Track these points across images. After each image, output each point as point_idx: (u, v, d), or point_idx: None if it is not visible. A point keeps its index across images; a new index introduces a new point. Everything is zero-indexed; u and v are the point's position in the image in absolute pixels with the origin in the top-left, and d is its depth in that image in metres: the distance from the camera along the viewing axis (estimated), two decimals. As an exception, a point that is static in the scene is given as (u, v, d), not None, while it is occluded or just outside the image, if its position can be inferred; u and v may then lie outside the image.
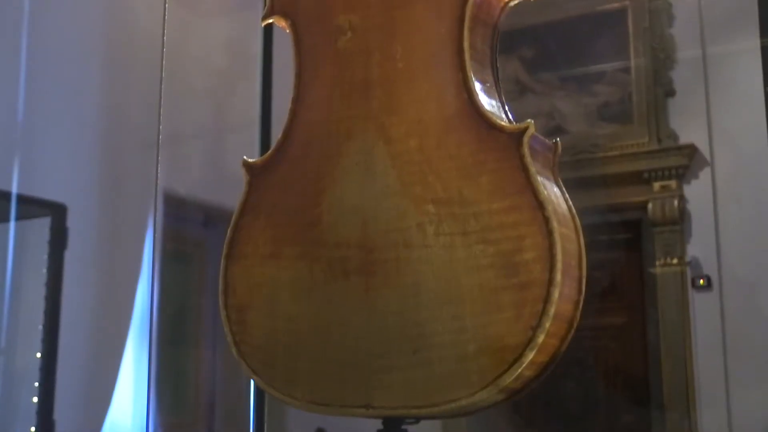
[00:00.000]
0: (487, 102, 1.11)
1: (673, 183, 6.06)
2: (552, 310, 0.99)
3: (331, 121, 1.18)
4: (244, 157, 1.25)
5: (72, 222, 4.52)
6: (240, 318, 1.18)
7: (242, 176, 1.36)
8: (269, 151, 1.23)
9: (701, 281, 5.83)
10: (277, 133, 3.13)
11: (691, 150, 5.95)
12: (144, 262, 4.80)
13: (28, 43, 4.26)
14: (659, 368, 5.92)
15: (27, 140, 4.24)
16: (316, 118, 1.20)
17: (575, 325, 1.07)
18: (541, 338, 1.00)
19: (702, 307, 5.84)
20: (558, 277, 0.99)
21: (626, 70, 6.24)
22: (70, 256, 4.50)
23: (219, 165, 5.39)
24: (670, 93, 6.13)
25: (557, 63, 6.23)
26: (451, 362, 1.02)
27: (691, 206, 6.08)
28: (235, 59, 5.04)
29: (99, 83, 4.67)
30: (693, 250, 6.02)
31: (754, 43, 5.52)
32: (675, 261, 6.01)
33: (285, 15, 1.27)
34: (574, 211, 1.11)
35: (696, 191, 6.04)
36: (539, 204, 1.02)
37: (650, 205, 6.05)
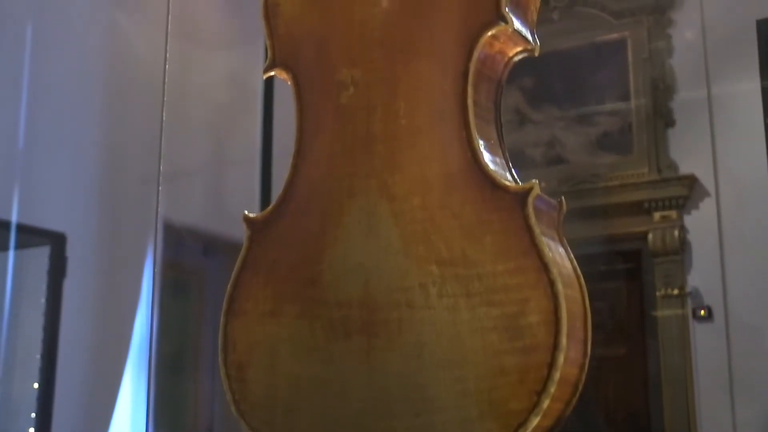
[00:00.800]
0: (491, 160, 1.10)
1: (673, 213, 6.05)
2: (557, 375, 0.98)
3: (333, 177, 1.17)
4: (245, 212, 1.24)
5: (71, 251, 4.51)
6: (240, 375, 1.16)
7: (242, 209, 1.34)
8: (270, 206, 1.22)
9: (702, 312, 5.81)
10: (278, 169, 3.13)
11: (691, 180, 5.95)
12: (143, 291, 4.78)
13: (29, 73, 4.27)
14: (660, 400, 5.89)
15: (27, 169, 4.24)
16: (317, 174, 1.19)
17: (580, 387, 1.06)
18: (546, 403, 0.98)
19: (703, 338, 5.82)
20: (563, 341, 0.98)
21: (626, 100, 6.25)
22: (69, 286, 4.49)
23: (219, 194, 5.38)
24: (670, 123, 6.13)
25: (557, 93, 6.25)
26: (454, 426, 1.01)
27: (692, 237, 6.07)
28: (237, 93, 5.05)
29: (100, 114, 4.68)
30: (694, 280, 6.00)
31: (754, 72, 5.55)
32: (675, 291, 5.99)
33: (287, 68, 1.27)
34: (578, 270, 1.10)
35: (696, 222, 6.03)
36: (544, 266, 1.01)
37: (650, 236, 6.04)
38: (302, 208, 1.19)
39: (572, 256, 1.09)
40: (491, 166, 1.09)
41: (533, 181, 1.05)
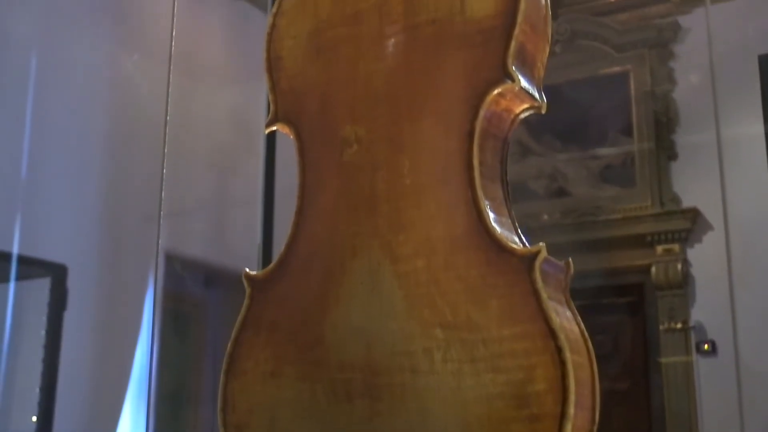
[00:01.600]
0: (497, 221, 1.08)
1: (676, 246, 6.04)
2: (564, 444, 0.96)
3: (336, 236, 1.16)
4: (246, 269, 1.22)
5: (72, 283, 4.50)
6: (239, 437, 1.14)
7: (244, 249, 1.32)
8: (272, 264, 1.20)
9: (706, 346, 5.78)
10: (280, 207, 3.12)
11: (694, 214, 5.94)
12: (144, 323, 4.76)
13: (33, 104, 4.28)
14: (664, 434, 5.85)
15: (30, 200, 4.23)
16: (320, 233, 1.18)
17: (588, 454, 1.04)
18: (553, 472, 0.96)
19: (707, 372, 5.78)
20: (570, 410, 0.96)
21: (628, 133, 6.25)
22: (69, 318, 4.47)
23: (221, 225, 5.38)
24: (673, 156, 6.13)
25: (560, 125, 6.24)
26: (459, 495, 0.99)
27: (695, 270, 6.05)
28: (239, 132, 5.06)
29: (102, 148, 4.68)
30: (697, 314, 5.97)
31: (757, 106, 5.55)
32: (679, 325, 5.96)
33: (289, 123, 1.25)
34: (586, 333, 1.08)
35: (700, 255, 6.01)
36: (551, 332, 0.99)
37: (653, 269, 6.02)
38: (304, 267, 1.17)
39: (579, 319, 1.07)
40: (497, 227, 1.07)
41: (540, 244, 1.03)
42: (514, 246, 1.04)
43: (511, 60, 1.11)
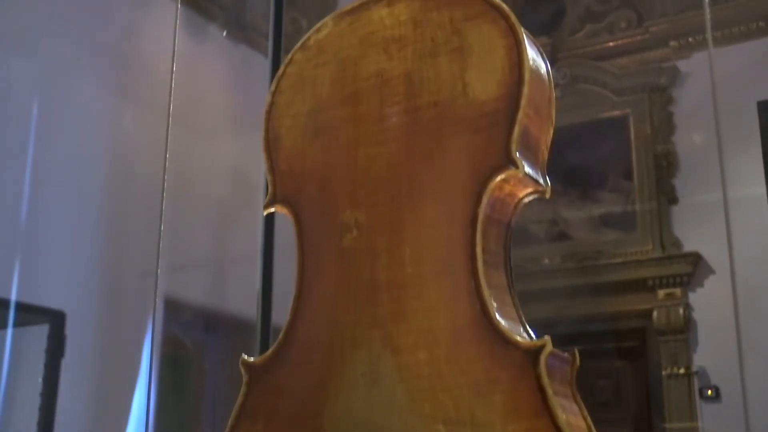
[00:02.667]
0: (501, 311, 1.06)
1: (677, 291, 6.01)
2: None
3: (336, 325, 1.13)
4: (243, 356, 1.19)
5: (70, 329, 4.47)
6: None
7: (243, 293, 1.30)
8: (269, 350, 1.17)
9: (709, 392, 5.72)
10: (279, 264, 3.10)
11: (696, 258, 5.91)
12: (142, 369, 4.72)
13: (34, 151, 4.27)
14: (668, 483, 5.78)
15: (28, 247, 4.22)
16: (319, 320, 1.15)
17: None
18: None
19: (710, 418, 5.72)
20: (577, 508, 0.93)
21: (629, 177, 6.24)
22: (67, 365, 4.43)
23: (221, 270, 5.36)
24: (673, 200, 6.12)
25: (560, 169, 6.24)
26: None
27: (697, 315, 6.01)
28: (238, 187, 5.06)
29: (102, 195, 4.68)
30: (700, 359, 5.92)
31: (757, 150, 5.55)
32: (682, 371, 5.91)
33: (288, 205, 1.23)
34: (592, 428, 1.05)
35: (702, 299, 5.98)
36: (557, 429, 0.96)
37: (655, 313, 5.98)
38: (302, 355, 1.14)
39: (585, 412, 1.04)
40: (501, 318, 1.04)
41: (545, 338, 1.00)
42: (519, 339, 1.01)
43: (515, 146, 1.09)
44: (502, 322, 1.03)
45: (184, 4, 5.16)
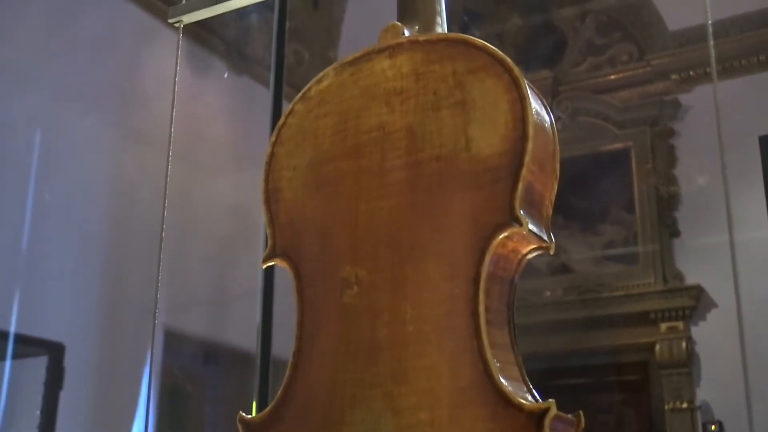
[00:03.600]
0: (504, 371, 1.04)
1: (680, 324, 5.98)
2: None
3: (335, 382, 1.10)
4: (240, 413, 1.17)
5: (69, 361, 4.44)
6: None
7: (243, 325, 1.27)
8: (268, 408, 1.15)
9: (713, 427, 5.68)
10: (279, 296, 3.09)
11: (698, 291, 5.89)
12: (141, 400, 4.69)
13: (35, 185, 4.27)
14: None
15: (28, 278, 4.21)
16: (318, 377, 1.13)
17: None
18: None
19: (714, 453, 5.68)
20: None
21: (631, 209, 6.24)
22: (65, 397, 4.41)
23: (220, 302, 5.34)
24: (675, 233, 6.11)
25: (561, 201, 6.21)
26: None
27: (700, 348, 5.98)
28: (239, 225, 5.06)
29: (103, 227, 4.67)
30: (703, 393, 5.88)
31: (759, 184, 5.53)
32: (684, 405, 5.87)
33: (287, 259, 1.21)
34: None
35: (704, 333, 5.95)
36: (561, 495, 0.94)
37: (657, 347, 5.95)
38: (302, 413, 1.12)
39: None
40: (504, 379, 1.02)
41: (550, 401, 0.98)
42: (522, 401, 0.99)
43: (519, 203, 1.07)
44: (505, 383, 1.01)
45: (187, 36, 5.17)
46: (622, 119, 6.34)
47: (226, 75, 5.29)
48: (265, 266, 1.21)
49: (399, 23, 1.26)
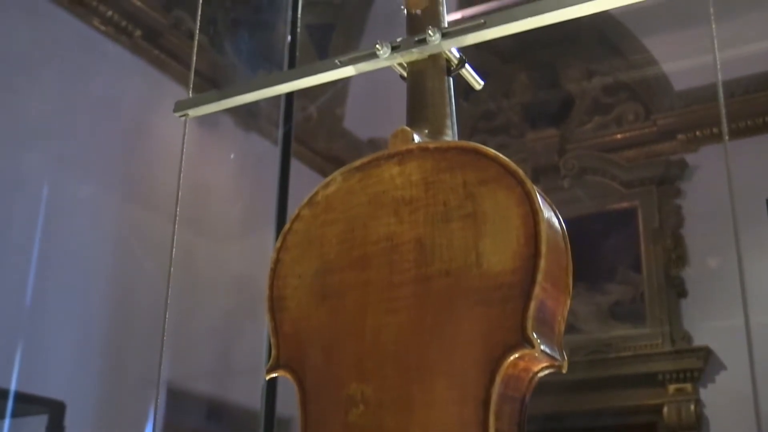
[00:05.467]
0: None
1: (688, 386, 5.90)
2: None
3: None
4: None
5: (70, 420, 4.38)
6: None
7: (248, 372, 1.22)
8: None
9: (722, 492, 5.58)
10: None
11: (706, 352, 5.82)
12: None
13: (40, 242, 4.26)
14: None
15: (30, 337, 4.17)
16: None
17: None
18: None
19: None
20: None
21: (637, 269, 6.19)
22: (64, 457, 4.34)
23: (225, 361, 5.28)
24: (683, 294, 6.06)
25: (568, 261, 6.19)
26: None
27: (709, 411, 5.89)
28: (243, 297, 5.03)
29: (106, 287, 4.65)
30: (713, 457, 5.80)
31: (766, 245, 5.49)
32: (693, 470, 5.78)
33: (291, 371, 1.17)
34: None
35: (713, 395, 5.87)
36: None
37: (665, 409, 5.87)
38: None
39: None
40: None
41: None
42: None
43: (531, 323, 1.04)
44: None
45: (196, 92, 5.17)
46: (628, 178, 6.33)
47: (232, 156, 5.30)
48: (268, 378, 1.17)
49: (408, 128, 1.23)
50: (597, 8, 1.21)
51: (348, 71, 1.38)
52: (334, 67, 1.37)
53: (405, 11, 1.39)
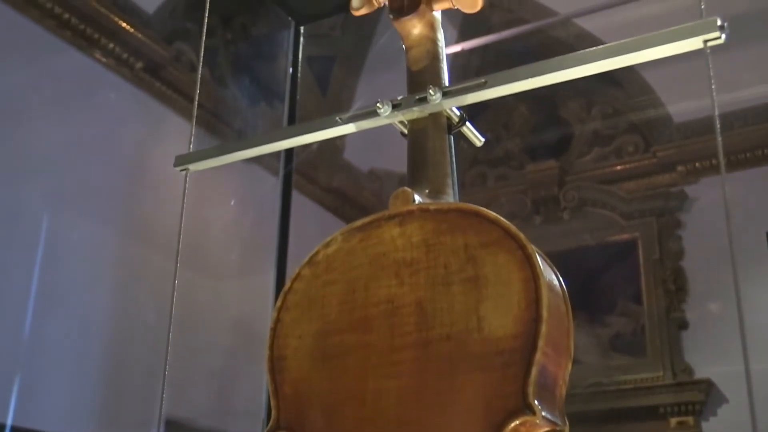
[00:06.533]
0: None
1: (690, 419, 5.87)
2: None
3: None
4: None
5: (67, 454, 4.36)
6: None
7: (248, 410, 1.20)
8: None
9: None
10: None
11: (708, 385, 5.78)
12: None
13: (39, 276, 4.25)
14: None
15: (28, 371, 4.15)
16: None
17: None
18: None
19: None
20: None
21: (638, 301, 6.17)
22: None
23: (224, 396, 5.25)
24: (683, 326, 6.03)
25: (569, 293, 6.17)
26: None
27: (712, 445, 5.86)
28: (243, 339, 5.01)
29: (106, 320, 4.63)
30: (716, 493, 5.75)
31: (766, 277, 5.48)
32: (697, 504, 5.74)
33: None
34: None
35: (715, 429, 5.83)
36: None
37: (668, 442, 5.84)
38: None
39: None
40: None
41: None
42: None
43: (532, 389, 1.04)
44: None
45: (197, 127, 5.18)
46: (628, 210, 6.33)
47: (232, 202, 5.30)
48: (267, 439, 1.16)
49: (409, 190, 1.23)
50: (596, 70, 1.21)
51: (348, 128, 1.39)
52: (335, 124, 1.37)
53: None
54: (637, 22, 5.02)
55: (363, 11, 1.46)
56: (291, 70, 4.04)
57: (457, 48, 5.37)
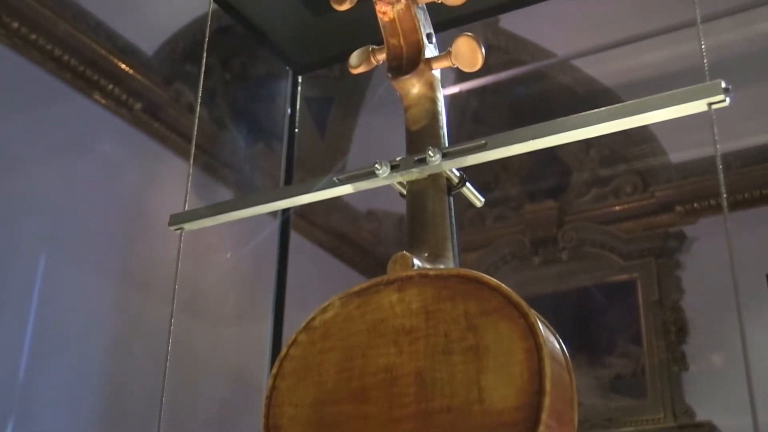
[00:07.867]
0: None
1: (692, 463, 5.81)
2: None
3: None
4: None
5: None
6: None
7: None
8: None
9: None
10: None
11: (709, 427, 5.73)
12: None
13: (35, 319, 4.22)
14: None
15: (24, 409, 4.11)
16: None
17: None
18: None
19: None
20: None
21: (638, 342, 6.13)
22: None
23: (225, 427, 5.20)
24: (684, 367, 5.99)
25: (567, 334, 6.12)
26: None
27: (715, 490, 5.79)
28: (240, 388, 4.97)
29: (102, 363, 4.59)
30: None
31: (766, 318, 5.44)
32: None
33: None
34: None
35: (718, 472, 5.77)
36: None
37: (670, 485, 5.77)
38: None
39: None
40: None
41: None
42: None
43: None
44: None
45: (196, 168, 5.20)
46: (627, 250, 6.31)
47: (228, 255, 5.28)
48: None
49: (408, 254, 1.21)
50: (597, 132, 1.20)
51: (346, 189, 1.37)
52: (333, 185, 1.36)
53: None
54: (639, 66, 5.04)
55: (361, 69, 1.45)
56: (289, 110, 4.03)
57: (455, 89, 5.38)
